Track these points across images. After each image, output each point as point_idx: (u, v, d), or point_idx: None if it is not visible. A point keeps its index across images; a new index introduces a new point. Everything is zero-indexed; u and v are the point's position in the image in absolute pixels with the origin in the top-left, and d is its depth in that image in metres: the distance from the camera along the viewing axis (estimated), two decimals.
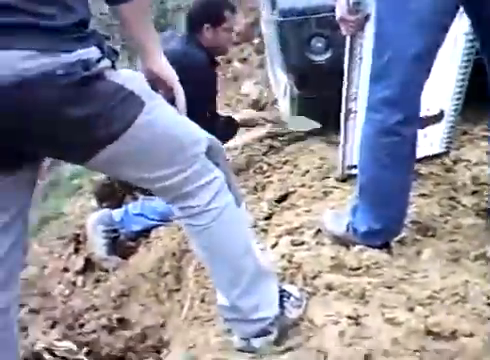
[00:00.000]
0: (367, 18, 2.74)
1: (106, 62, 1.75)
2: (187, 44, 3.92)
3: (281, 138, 4.47)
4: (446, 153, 3.61)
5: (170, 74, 2.12)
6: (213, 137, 2.07)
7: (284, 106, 5.01)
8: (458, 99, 3.36)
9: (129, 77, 1.83)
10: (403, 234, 2.75)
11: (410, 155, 2.57)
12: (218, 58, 4.20)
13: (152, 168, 1.93)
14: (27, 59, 1.56)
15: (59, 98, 1.63)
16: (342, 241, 2.76)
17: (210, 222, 2.02)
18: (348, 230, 2.74)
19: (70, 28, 1.65)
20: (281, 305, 2.25)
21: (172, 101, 2.08)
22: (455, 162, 3.58)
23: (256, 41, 7.18)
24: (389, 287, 2.39)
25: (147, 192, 3.84)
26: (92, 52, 1.70)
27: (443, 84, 3.26)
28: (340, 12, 2.67)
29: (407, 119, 2.45)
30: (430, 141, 3.52)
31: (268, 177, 3.79)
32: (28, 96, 1.59)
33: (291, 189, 3.46)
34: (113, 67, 1.79)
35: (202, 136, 2.03)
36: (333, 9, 2.74)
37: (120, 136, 1.78)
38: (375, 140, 2.53)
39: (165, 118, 1.93)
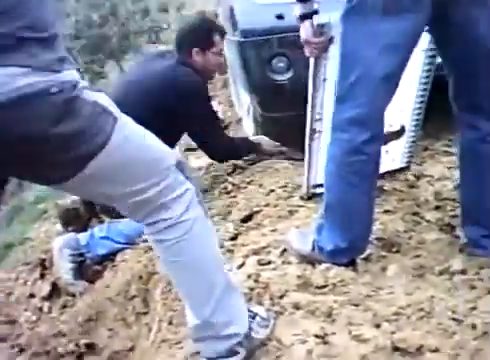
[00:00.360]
0: (331, 40, 2.77)
1: (83, 82, 1.79)
2: (179, 64, 3.94)
3: (245, 158, 4.48)
4: (408, 168, 3.66)
5: None
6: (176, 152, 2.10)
7: (248, 126, 5.03)
8: (418, 114, 3.44)
9: (98, 95, 1.86)
10: (368, 251, 2.77)
11: (374, 172, 2.61)
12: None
13: (129, 182, 1.95)
14: (21, 76, 1.58)
15: (50, 115, 1.66)
16: (308, 260, 2.77)
17: (182, 235, 2.03)
18: (314, 249, 2.75)
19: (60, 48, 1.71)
20: (248, 326, 2.25)
21: None
22: (418, 178, 3.62)
23: None
24: (355, 304, 2.40)
25: (113, 215, 3.83)
26: (74, 74, 1.74)
27: (404, 100, 3.32)
28: (305, 34, 2.70)
29: (373, 137, 2.49)
30: (392, 157, 3.60)
31: (233, 197, 3.79)
32: (21, 113, 1.61)
33: (256, 209, 3.47)
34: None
35: (170, 150, 2.07)
36: (293, 29, 2.78)
37: (103, 149, 1.81)
38: (342, 160, 2.55)
39: (136, 133, 1.97)
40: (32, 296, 3.86)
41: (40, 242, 4.70)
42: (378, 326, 2.25)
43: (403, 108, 3.41)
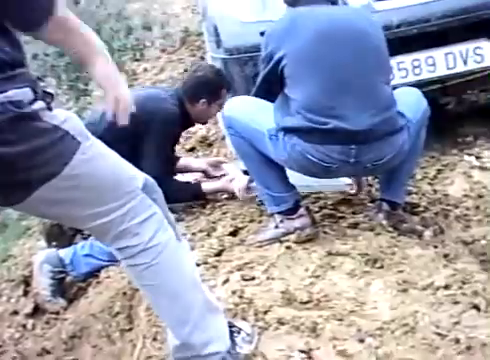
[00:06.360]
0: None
1: (40, 103, 1.76)
2: (172, 99, 3.97)
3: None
4: None
5: (109, 85, 1.99)
6: (147, 175, 2.07)
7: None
8: None
9: (64, 118, 1.83)
10: (352, 266, 2.79)
11: None
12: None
13: (90, 205, 1.93)
14: None
15: None
16: (275, 237, 3.18)
17: (152, 260, 2.02)
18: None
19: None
20: (232, 340, 2.24)
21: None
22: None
23: None
24: (339, 319, 2.41)
25: None
26: (24, 93, 1.71)
27: None
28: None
29: None
30: None
31: (218, 213, 3.79)
32: None
33: (241, 225, 3.47)
34: (49, 108, 1.79)
35: (137, 172, 2.05)
36: None
37: (56, 176, 1.79)
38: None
39: (101, 157, 1.94)
40: (15, 313, 3.83)
41: (24, 259, 4.65)
42: (362, 341, 2.27)
43: None
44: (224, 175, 4.19)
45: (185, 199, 3.99)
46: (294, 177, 3.24)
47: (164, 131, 3.85)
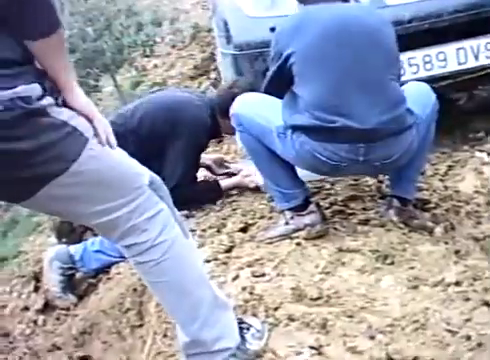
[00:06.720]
0: None
1: (48, 99, 1.76)
2: (204, 108, 3.96)
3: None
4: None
5: (90, 110, 1.94)
6: (152, 173, 2.07)
7: None
8: None
9: (72, 114, 1.84)
10: (362, 262, 2.78)
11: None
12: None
13: (98, 201, 1.94)
14: None
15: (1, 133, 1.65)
16: (286, 234, 3.17)
17: (161, 256, 2.02)
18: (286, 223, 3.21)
19: (5, 64, 1.67)
20: (241, 337, 2.25)
21: None
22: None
23: (213, 75, 7.22)
24: (350, 316, 2.41)
25: None
26: (33, 89, 1.71)
27: None
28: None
29: None
30: None
31: (228, 210, 3.79)
32: None
33: (251, 221, 3.47)
34: (57, 104, 1.79)
35: (144, 170, 2.05)
36: None
37: (64, 172, 1.79)
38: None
39: (108, 153, 1.94)
40: (26, 309, 3.84)
41: (34, 255, 4.66)
42: (373, 338, 2.26)
43: None
44: (227, 173, 4.25)
45: (208, 200, 3.96)
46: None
47: (194, 139, 3.86)
